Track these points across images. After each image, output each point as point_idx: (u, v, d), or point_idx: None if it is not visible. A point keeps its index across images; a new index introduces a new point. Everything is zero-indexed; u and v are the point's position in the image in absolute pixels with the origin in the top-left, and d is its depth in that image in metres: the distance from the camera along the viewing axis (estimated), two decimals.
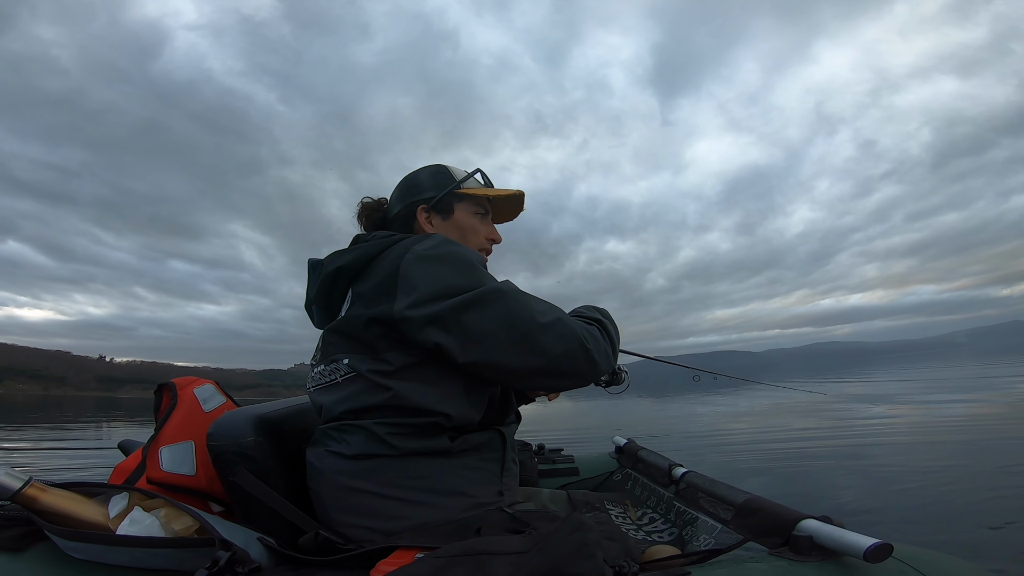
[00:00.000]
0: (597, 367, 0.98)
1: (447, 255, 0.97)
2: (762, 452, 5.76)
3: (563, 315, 0.97)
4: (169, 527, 0.82)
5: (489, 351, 0.91)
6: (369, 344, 0.97)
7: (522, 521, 0.88)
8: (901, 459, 4.83)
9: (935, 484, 3.80)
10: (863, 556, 0.75)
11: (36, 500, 0.78)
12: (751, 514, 1.09)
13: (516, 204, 1.28)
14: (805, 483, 4.21)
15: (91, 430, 14.56)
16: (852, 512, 3.30)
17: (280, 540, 0.89)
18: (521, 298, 0.94)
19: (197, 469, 1.04)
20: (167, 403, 1.13)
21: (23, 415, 22.72)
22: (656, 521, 1.40)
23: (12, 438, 11.29)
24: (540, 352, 0.91)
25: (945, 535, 2.77)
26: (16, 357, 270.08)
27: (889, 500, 3.51)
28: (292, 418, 1.15)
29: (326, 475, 0.95)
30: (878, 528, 2.97)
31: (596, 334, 1.00)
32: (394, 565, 0.72)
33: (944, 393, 12.41)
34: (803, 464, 4.91)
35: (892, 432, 6.70)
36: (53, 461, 7.44)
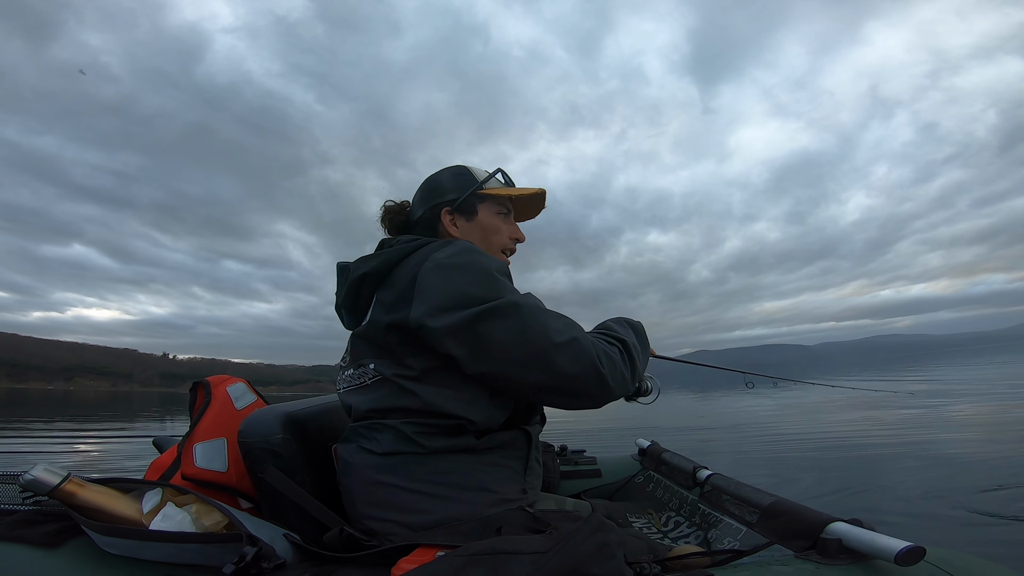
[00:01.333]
0: (610, 392, 0.95)
1: (466, 264, 0.97)
2: (807, 452, 5.59)
3: (580, 334, 0.94)
4: (199, 523, 0.84)
5: (499, 364, 0.91)
6: (391, 350, 0.99)
7: (543, 521, 0.88)
8: (957, 459, 4.63)
9: (984, 488, 3.66)
10: (894, 559, 0.73)
11: (74, 495, 0.81)
12: (777, 516, 1.07)
13: (538, 202, 1.28)
14: (850, 484, 4.08)
15: (155, 424, 15.15)
16: (897, 515, 3.19)
17: (305, 536, 0.91)
18: (537, 314, 0.93)
19: (229, 466, 1.08)
20: (201, 400, 1.17)
21: (94, 411, 23.75)
22: (681, 525, 1.38)
23: (83, 432, 11.79)
24: (551, 371, 0.90)
25: (988, 540, 2.66)
26: (87, 355, 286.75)
27: (936, 503, 3.38)
28: (319, 417, 1.17)
29: (356, 469, 0.98)
30: (920, 533, 2.87)
31: (615, 356, 0.98)
32: (415, 563, 0.73)
33: (1014, 390, 11.62)
34: (851, 465, 4.75)
35: (952, 430, 6.40)
36: (116, 456, 7.70)
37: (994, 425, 6.60)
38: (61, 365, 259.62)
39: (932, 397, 10.80)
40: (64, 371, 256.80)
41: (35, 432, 11.79)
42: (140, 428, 13.28)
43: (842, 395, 12.55)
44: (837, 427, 7.44)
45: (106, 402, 40.56)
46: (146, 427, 13.81)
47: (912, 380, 18.72)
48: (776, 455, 5.63)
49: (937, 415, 7.90)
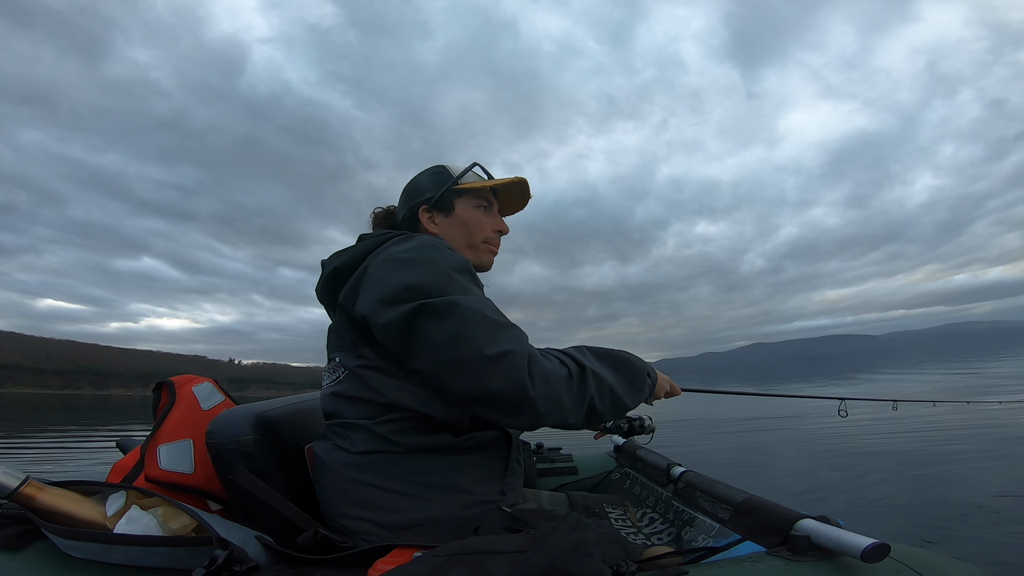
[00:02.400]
0: (538, 417, 0.87)
1: (418, 259, 0.95)
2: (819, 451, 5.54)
3: (517, 348, 0.87)
4: (167, 526, 0.82)
5: (431, 365, 0.88)
6: (350, 341, 1.00)
7: (520, 520, 0.88)
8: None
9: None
10: (860, 556, 0.75)
11: (33, 498, 0.78)
12: (749, 513, 1.09)
13: (523, 192, 1.27)
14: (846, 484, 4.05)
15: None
16: (876, 513, 3.22)
17: (279, 538, 0.89)
18: (475, 319, 0.87)
19: (195, 467, 1.05)
20: (165, 401, 1.13)
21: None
22: (656, 521, 1.40)
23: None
24: (477, 383, 0.85)
25: (954, 538, 2.72)
26: (161, 363, 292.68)
27: (913, 503, 3.44)
28: (292, 417, 1.15)
29: (332, 467, 0.97)
30: (892, 531, 2.92)
31: (554, 379, 0.89)
32: (392, 564, 0.72)
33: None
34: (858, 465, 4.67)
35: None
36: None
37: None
38: (139, 372, 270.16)
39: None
40: (142, 378, 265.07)
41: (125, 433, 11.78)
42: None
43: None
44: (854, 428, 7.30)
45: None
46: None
47: (990, 369, 17.76)
48: (781, 453, 5.64)
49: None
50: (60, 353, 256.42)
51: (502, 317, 0.92)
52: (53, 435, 12.78)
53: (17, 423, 17.93)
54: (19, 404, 46.44)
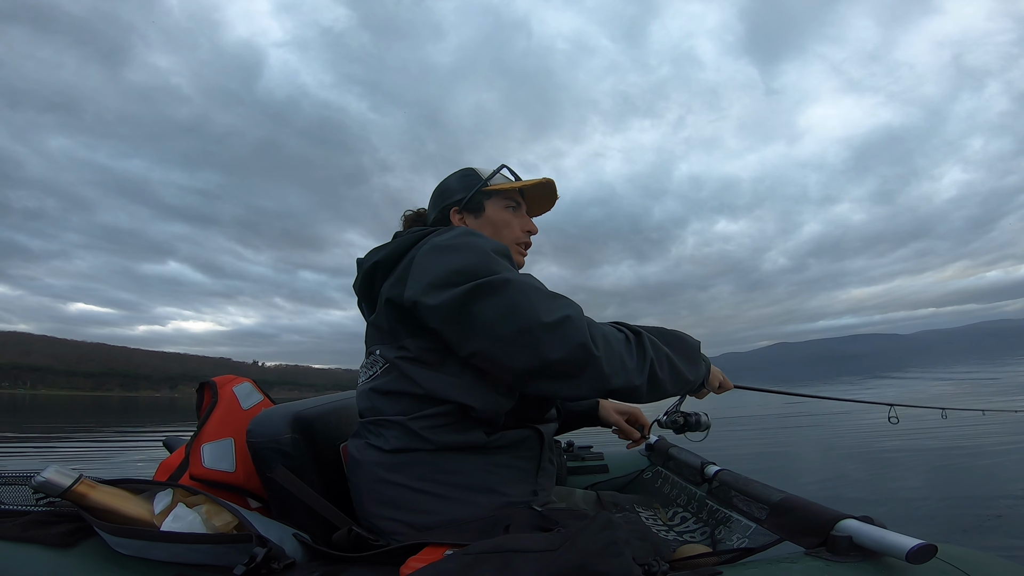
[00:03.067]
0: (604, 378, 0.89)
1: (462, 245, 0.97)
2: (837, 450, 5.39)
3: (574, 313, 0.89)
4: (210, 523, 0.85)
5: (487, 343, 0.89)
6: (391, 332, 1.01)
7: (550, 519, 0.88)
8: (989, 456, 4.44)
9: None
10: (905, 557, 0.72)
11: (85, 497, 0.82)
12: (786, 513, 1.06)
13: (550, 193, 1.28)
14: (869, 481, 3.94)
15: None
16: (912, 513, 3.12)
17: (314, 536, 0.91)
18: (528, 291, 0.90)
19: (236, 466, 1.08)
20: (208, 401, 1.18)
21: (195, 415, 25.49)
22: (688, 521, 1.38)
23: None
24: (537, 353, 0.86)
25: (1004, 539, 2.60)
26: (188, 365, 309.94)
27: (952, 502, 3.31)
28: (327, 416, 1.18)
29: (364, 466, 0.99)
30: (932, 531, 2.81)
31: (615, 341, 0.92)
32: (424, 561, 0.73)
33: None
34: (874, 463, 4.57)
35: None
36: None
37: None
38: (167, 374, 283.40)
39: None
40: (169, 380, 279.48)
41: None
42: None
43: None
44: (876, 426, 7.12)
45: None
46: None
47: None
48: (804, 452, 5.50)
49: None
50: (90, 356, 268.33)
51: (552, 291, 0.94)
52: (85, 435, 13.48)
53: (50, 423, 18.82)
54: (52, 405, 48.72)
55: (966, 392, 9.97)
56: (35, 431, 14.44)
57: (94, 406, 46.74)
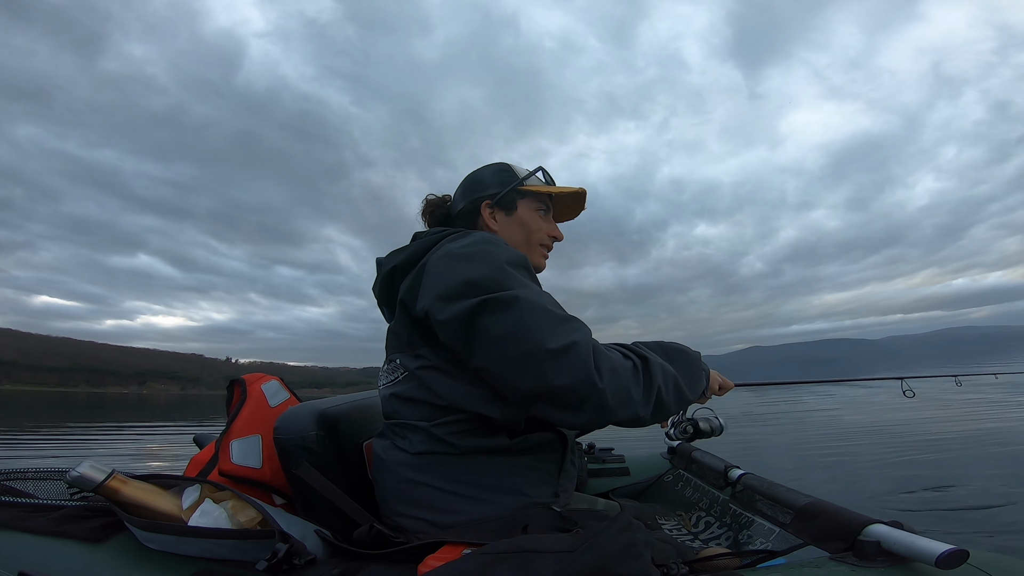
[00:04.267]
0: (608, 410, 0.85)
1: (476, 254, 0.94)
2: (848, 453, 5.37)
3: (582, 339, 0.85)
4: (235, 519, 0.87)
5: (491, 361, 0.87)
6: (409, 341, 1.00)
7: (570, 520, 0.88)
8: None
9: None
10: (935, 563, 0.70)
11: (118, 492, 0.84)
12: (812, 517, 1.04)
13: (578, 202, 1.27)
14: (895, 485, 3.90)
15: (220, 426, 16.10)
16: (939, 518, 3.05)
17: (336, 532, 0.92)
18: (538, 312, 0.86)
19: (263, 462, 1.10)
20: (237, 398, 1.20)
21: (167, 413, 25.86)
22: (712, 526, 1.36)
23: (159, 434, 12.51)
24: (541, 378, 0.83)
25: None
26: (158, 361, 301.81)
27: (983, 506, 3.22)
28: (352, 414, 1.20)
29: (390, 466, 0.99)
30: (962, 537, 2.73)
31: (622, 371, 0.88)
32: (442, 560, 0.73)
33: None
34: (896, 466, 4.52)
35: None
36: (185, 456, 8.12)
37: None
38: (135, 370, 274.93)
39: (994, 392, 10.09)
40: (138, 376, 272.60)
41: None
42: (212, 429, 14.21)
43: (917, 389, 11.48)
44: (887, 426, 7.12)
45: (177, 404, 43.05)
46: (216, 428, 14.77)
47: (990, 372, 17.46)
48: (815, 455, 5.44)
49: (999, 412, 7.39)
50: (56, 350, 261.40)
51: (563, 311, 0.91)
52: (50, 431, 13.57)
53: (14, 419, 19.02)
54: (16, 401, 48.73)
55: (933, 395, 10.19)
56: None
57: (60, 402, 46.86)
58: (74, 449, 9.79)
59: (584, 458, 1.90)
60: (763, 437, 7.41)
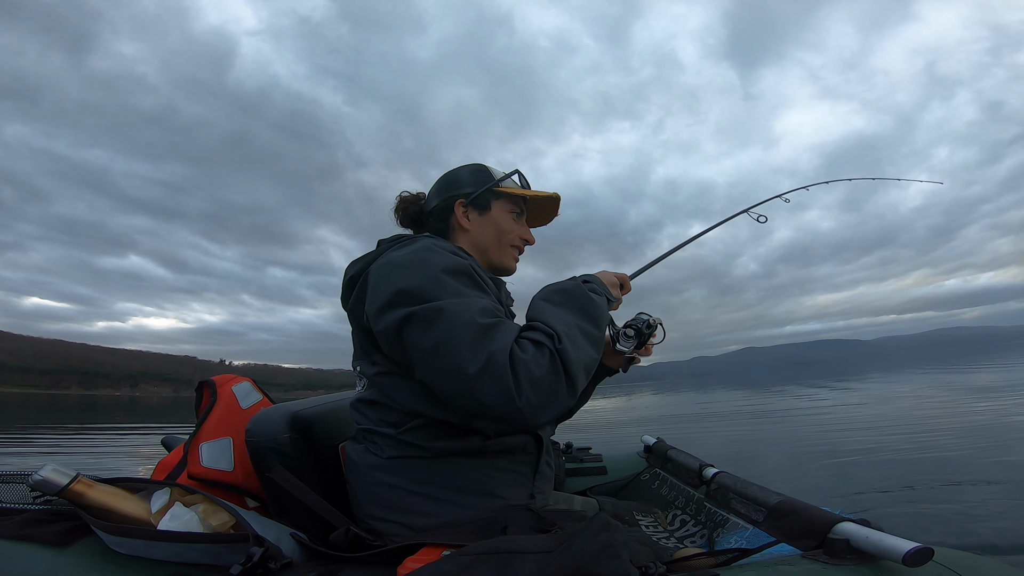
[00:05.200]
0: (538, 418, 0.84)
1: (414, 262, 0.94)
2: (827, 452, 5.46)
3: (499, 352, 0.82)
4: (207, 522, 0.85)
5: (426, 374, 0.89)
6: (363, 348, 1.02)
7: (548, 520, 0.88)
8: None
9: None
10: (902, 560, 0.72)
11: (83, 495, 0.82)
12: (784, 516, 1.06)
13: (552, 207, 1.27)
14: (867, 485, 3.98)
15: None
16: (906, 516, 3.13)
17: (312, 536, 0.91)
18: (461, 325, 0.84)
19: (235, 465, 1.08)
20: (207, 400, 1.18)
21: (160, 415, 25.39)
22: (687, 524, 1.38)
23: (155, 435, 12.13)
24: (469, 394, 0.83)
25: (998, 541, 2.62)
26: (150, 363, 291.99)
27: (944, 503, 3.33)
28: (326, 416, 1.18)
29: (362, 469, 0.99)
30: (928, 534, 2.82)
31: (542, 374, 0.83)
32: (421, 562, 0.73)
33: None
34: (881, 465, 4.61)
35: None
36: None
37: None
38: (127, 372, 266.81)
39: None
40: (130, 378, 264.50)
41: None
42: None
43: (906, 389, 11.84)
44: (868, 425, 7.28)
45: (170, 407, 42.69)
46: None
47: (978, 374, 18.03)
48: (794, 453, 5.53)
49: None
50: (47, 352, 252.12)
51: (488, 318, 0.87)
52: (42, 434, 13.20)
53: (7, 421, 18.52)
54: (6, 403, 47.71)
55: (923, 394, 10.61)
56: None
57: (50, 404, 45.87)
58: (62, 451, 9.47)
59: (562, 457, 1.91)
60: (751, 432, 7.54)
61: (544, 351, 0.86)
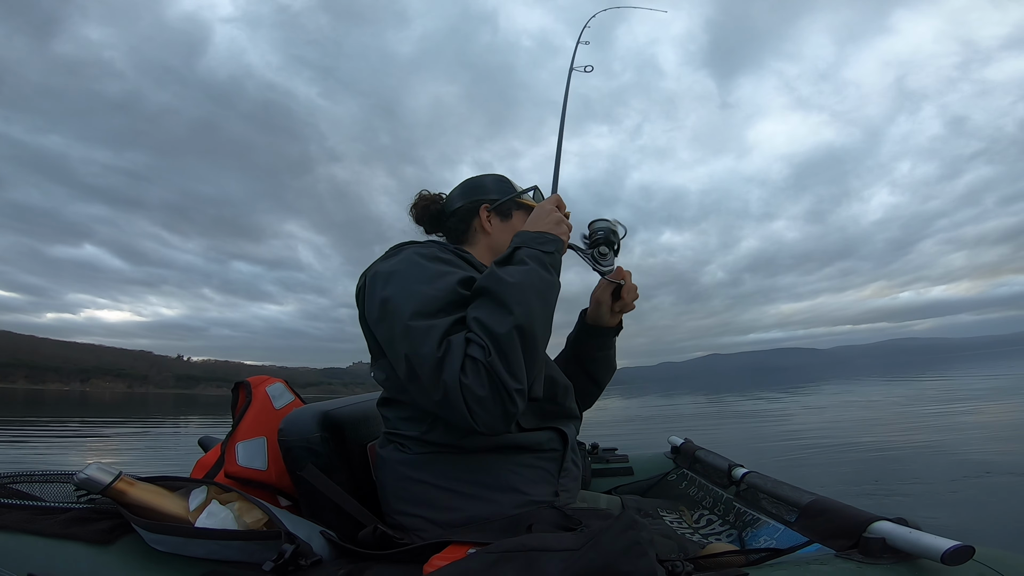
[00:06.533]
0: (490, 432, 0.85)
1: (395, 272, 0.97)
2: (824, 453, 5.45)
3: (448, 389, 0.82)
4: (241, 520, 0.87)
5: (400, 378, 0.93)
6: (374, 352, 1.05)
7: (574, 518, 0.88)
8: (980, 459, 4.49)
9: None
10: (941, 559, 0.70)
11: (125, 494, 0.85)
12: (817, 515, 1.03)
13: None
14: (890, 484, 3.96)
15: (170, 426, 15.70)
16: (927, 516, 3.09)
17: (341, 533, 0.93)
18: (419, 356, 0.85)
19: (268, 464, 1.11)
20: (243, 401, 1.21)
21: (111, 411, 25.38)
22: (714, 523, 1.36)
23: (103, 433, 12.34)
24: (428, 397, 0.86)
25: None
26: (102, 357, 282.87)
27: (983, 502, 3.26)
28: (356, 416, 1.21)
29: (390, 465, 1.01)
30: (956, 533, 2.75)
31: (482, 392, 0.82)
32: (447, 560, 0.74)
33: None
34: (872, 466, 4.62)
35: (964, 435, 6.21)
36: (137, 456, 8.09)
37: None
38: (79, 367, 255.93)
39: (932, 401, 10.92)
40: (81, 372, 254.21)
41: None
42: (159, 429, 13.73)
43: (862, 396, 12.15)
44: (864, 427, 7.39)
45: (123, 403, 42.82)
46: (163, 428, 14.24)
47: (926, 382, 18.94)
48: (803, 456, 5.50)
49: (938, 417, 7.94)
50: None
51: (424, 321, 0.88)
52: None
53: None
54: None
55: (874, 401, 11.06)
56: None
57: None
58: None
59: (588, 458, 1.91)
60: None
61: (480, 368, 0.83)
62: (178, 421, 18.40)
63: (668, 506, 1.46)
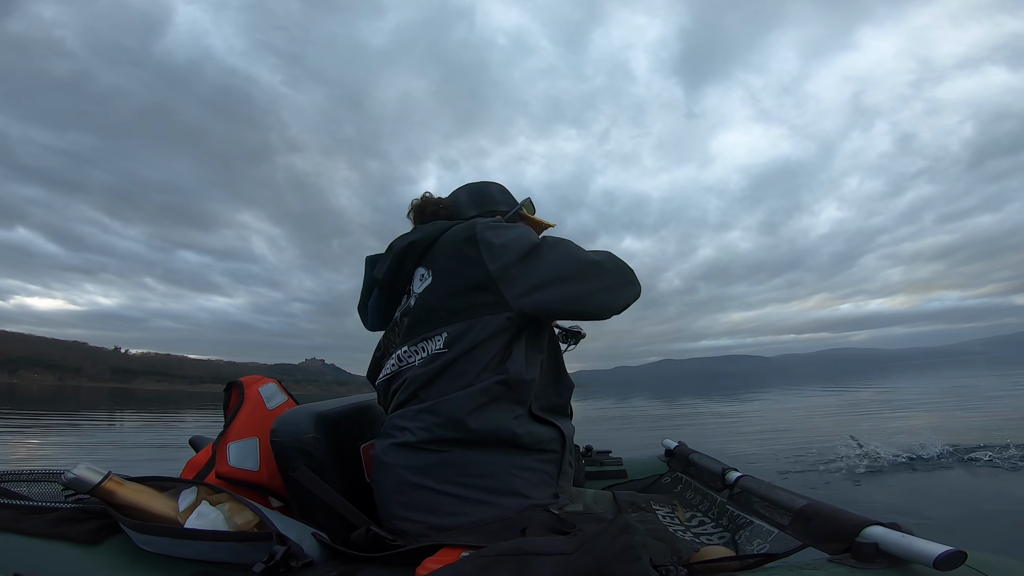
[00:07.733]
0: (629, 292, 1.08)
1: (509, 225, 1.12)
2: (789, 459, 5.52)
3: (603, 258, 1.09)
4: (232, 521, 0.87)
5: (553, 287, 1.02)
6: (462, 312, 1.02)
7: (567, 522, 0.88)
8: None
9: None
10: (933, 564, 0.70)
11: (113, 493, 0.84)
12: (810, 519, 1.04)
13: (539, 232, 1.36)
14: (884, 490, 4.00)
15: (104, 421, 15.17)
16: (936, 520, 3.12)
17: (333, 535, 0.92)
18: (571, 245, 1.08)
19: (260, 464, 1.10)
20: (235, 400, 1.20)
21: (39, 404, 24.21)
22: (706, 524, 1.36)
23: (32, 428, 11.85)
24: (597, 275, 1.04)
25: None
26: (33, 347, 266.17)
27: (972, 508, 3.29)
28: (350, 416, 1.20)
29: (390, 468, 1.00)
30: (959, 538, 2.78)
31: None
32: (440, 563, 0.73)
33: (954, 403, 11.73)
34: (831, 473, 4.69)
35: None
36: (67, 452, 7.86)
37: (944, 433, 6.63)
38: (6, 357, 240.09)
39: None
40: (9, 363, 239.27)
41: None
42: (90, 425, 13.22)
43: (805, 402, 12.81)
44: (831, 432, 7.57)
45: (52, 396, 40.49)
46: (95, 424, 13.78)
47: (861, 392, 19.58)
48: (777, 458, 5.56)
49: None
50: None
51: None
52: None
53: None
54: None
55: (813, 406, 11.63)
56: None
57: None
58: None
59: (581, 460, 1.90)
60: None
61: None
62: (113, 416, 17.83)
63: (661, 500, 1.47)
